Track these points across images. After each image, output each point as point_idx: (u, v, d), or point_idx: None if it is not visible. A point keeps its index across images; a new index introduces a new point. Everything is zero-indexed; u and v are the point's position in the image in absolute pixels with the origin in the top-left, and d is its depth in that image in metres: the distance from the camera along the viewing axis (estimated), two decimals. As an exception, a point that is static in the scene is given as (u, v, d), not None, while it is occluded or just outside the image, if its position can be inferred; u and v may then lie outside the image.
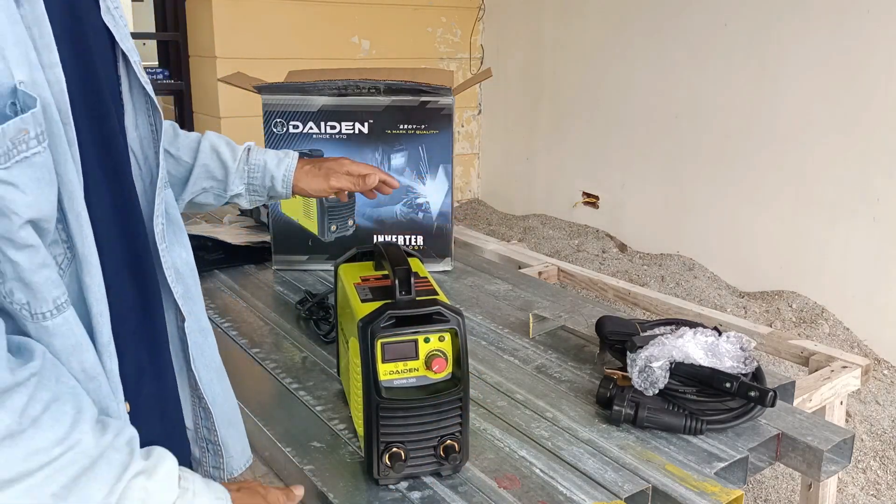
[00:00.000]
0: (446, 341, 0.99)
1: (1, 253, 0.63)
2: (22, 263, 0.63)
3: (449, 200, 1.85)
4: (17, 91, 0.61)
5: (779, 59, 3.22)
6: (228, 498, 0.75)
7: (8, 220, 0.61)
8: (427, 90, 1.77)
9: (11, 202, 0.61)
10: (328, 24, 4.24)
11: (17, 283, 0.64)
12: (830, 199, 3.10)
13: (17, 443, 0.59)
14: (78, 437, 0.63)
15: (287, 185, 1.17)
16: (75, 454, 0.62)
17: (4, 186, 0.61)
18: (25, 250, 0.63)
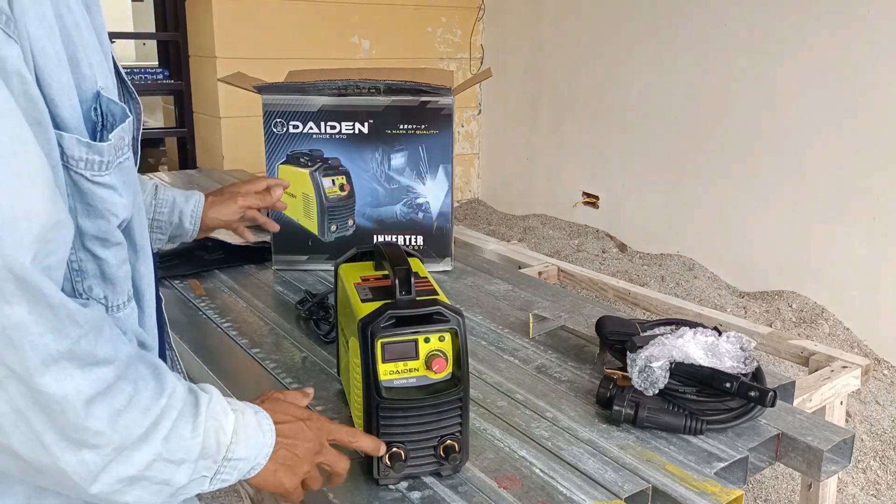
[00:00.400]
0: (446, 341, 0.99)
1: (87, 252, 0.67)
2: (109, 260, 0.68)
3: (449, 200, 1.85)
4: (101, 97, 0.65)
5: (779, 59, 3.22)
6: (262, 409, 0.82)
7: (107, 221, 0.66)
8: (427, 90, 1.77)
9: (112, 204, 0.66)
10: (328, 24, 4.24)
11: (97, 280, 0.69)
12: (830, 199, 3.10)
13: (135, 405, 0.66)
14: (172, 386, 0.70)
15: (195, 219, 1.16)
16: (173, 401, 0.70)
17: (107, 190, 0.66)
18: (114, 248, 0.69)
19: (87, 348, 0.61)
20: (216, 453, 0.74)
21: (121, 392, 0.65)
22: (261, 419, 0.80)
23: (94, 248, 0.67)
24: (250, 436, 0.78)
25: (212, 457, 0.73)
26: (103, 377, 0.63)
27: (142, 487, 0.68)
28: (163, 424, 0.68)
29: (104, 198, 0.66)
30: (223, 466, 0.75)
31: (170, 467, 0.69)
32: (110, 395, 0.64)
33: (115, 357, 0.64)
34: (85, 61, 0.63)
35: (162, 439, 0.68)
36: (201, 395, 0.74)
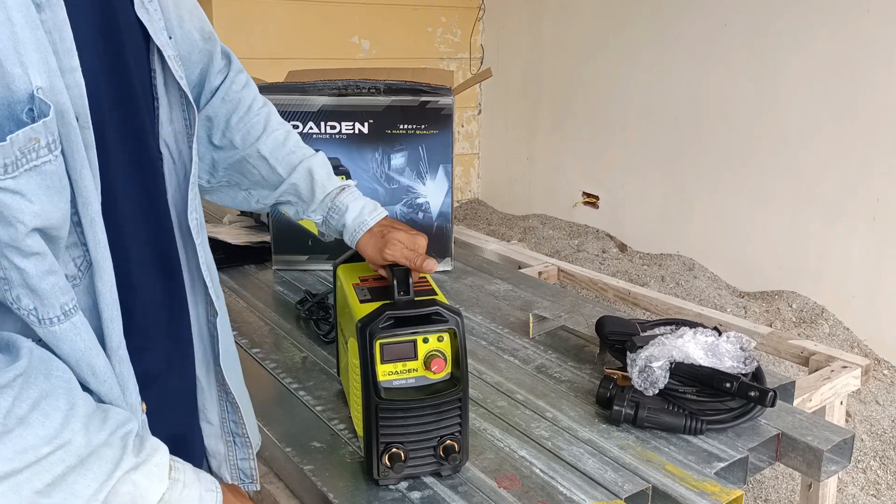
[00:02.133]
0: (445, 341, 0.99)
1: (7, 260, 0.63)
2: (28, 270, 0.63)
3: (449, 200, 1.85)
4: (35, 98, 0.61)
5: (779, 59, 3.22)
6: (219, 489, 0.74)
7: (14, 228, 0.61)
8: (427, 90, 1.77)
9: (18, 211, 0.61)
10: (328, 24, 4.24)
11: (23, 290, 0.64)
12: (830, 199, 3.10)
13: (4, 442, 0.59)
14: (68, 436, 0.63)
15: (353, 239, 1.15)
16: (63, 453, 0.62)
17: (10, 195, 0.61)
18: (32, 258, 0.63)
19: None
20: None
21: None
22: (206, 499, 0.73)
23: (11, 256, 0.63)
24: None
25: None
26: None
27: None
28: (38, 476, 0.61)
29: (7, 203, 0.61)
30: None
31: None
32: None
33: None
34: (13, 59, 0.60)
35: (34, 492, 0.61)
36: (127, 455, 0.67)
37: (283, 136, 1.17)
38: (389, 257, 1.07)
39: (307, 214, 1.20)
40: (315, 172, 1.18)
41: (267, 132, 1.15)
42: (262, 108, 1.17)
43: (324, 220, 1.20)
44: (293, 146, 1.18)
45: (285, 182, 1.16)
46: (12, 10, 0.60)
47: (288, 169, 1.16)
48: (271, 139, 1.15)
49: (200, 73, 1.04)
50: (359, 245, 1.15)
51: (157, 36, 0.79)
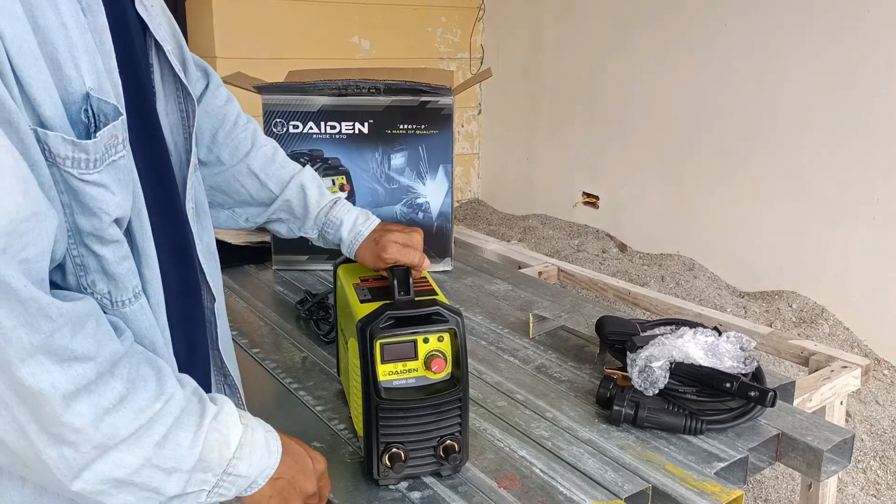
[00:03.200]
0: (445, 341, 0.99)
1: (86, 248, 0.68)
2: (108, 257, 0.69)
3: (449, 200, 1.85)
4: (90, 97, 0.65)
5: (779, 59, 3.22)
6: (274, 430, 0.83)
7: (98, 219, 0.67)
8: (427, 90, 1.77)
9: (104, 202, 0.67)
10: (328, 24, 4.24)
11: (99, 275, 0.70)
12: (830, 199, 3.10)
13: (127, 405, 0.66)
14: (171, 391, 0.70)
15: (351, 251, 1.17)
16: (170, 406, 0.70)
17: (97, 188, 0.66)
18: (111, 245, 0.69)
19: (62, 343, 0.61)
20: (217, 466, 0.74)
21: (110, 390, 0.65)
22: (269, 438, 0.81)
23: (91, 244, 0.68)
24: (255, 454, 0.78)
25: (212, 470, 0.74)
26: (83, 373, 0.63)
27: (129, 492, 0.68)
28: (156, 430, 0.68)
29: (95, 196, 0.66)
30: (222, 480, 0.75)
31: (160, 475, 0.69)
32: (96, 393, 0.64)
33: (95, 354, 0.64)
34: (69, 63, 0.63)
35: (154, 444, 0.68)
36: (209, 406, 0.74)
37: (271, 152, 1.17)
38: (388, 259, 1.08)
39: (303, 231, 1.20)
40: (307, 188, 1.18)
41: (255, 147, 1.15)
42: (248, 123, 1.16)
43: (319, 236, 1.20)
44: (282, 161, 1.18)
45: (278, 199, 1.16)
46: (65, 16, 0.63)
47: (279, 185, 1.16)
48: (260, 154, 1.15)
49: None
50: (357, 256, 1.16)
51: (157, 31, 0.81)
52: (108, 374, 0.65)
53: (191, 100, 0.86)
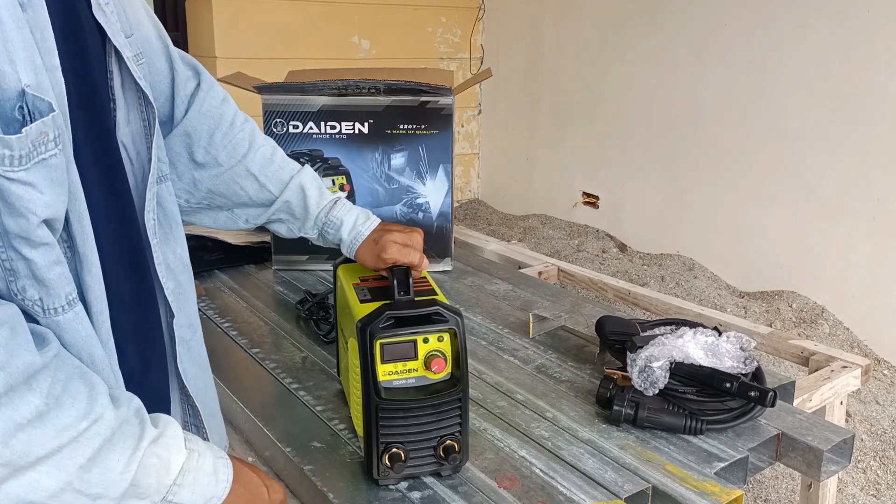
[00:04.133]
0: (445, 341, 0.99)
1: (15, 251, 0.65)
2: (37, 261, 0.66)
3: (449, 200, 1.85)
4: (26, 94, 0.62)
5: (779, 59, 3.22)
6: (226, 456, 0.79)
7: (25, 219, 0.63)
8: (427, 90, 1.77)
9: (31, 202, 0.63)
10: (328, 24, 4.24)
11: (30, 281, 0.66)
12: (830, 199, 3.10)
13: (46, 422, 0.62)
14: (100, 411, 0.66)
15: (351, 251, 1.16)
16: (99, 427, 0.65)
17: (24, 187, 0.63)
18: (40, 248, 0.66)
19: None
20: (154, 493, 0.70)
21: (24, 404, 0.61)
22: (219, 466, 0.77)
23: (20, 247, 0.65)
24: (199, 481, 0.74)
25: (149, 497, 0.70)
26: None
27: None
28: (80, 451, 0.64)
29: (20, 195, 0.63)
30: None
31: (83, 500, 0.65)
32: (8, 407, 0.60)
33: (4, 364, 0.60)
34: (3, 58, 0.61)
35: (78, 467, 0.64)
36: (148, 428, 0.70)
37: (269, 152, 1.15)
38: (388, 259, 1.08)
39: (303, 231, 1.19)
40: (307, 188, 1.16)
41: (253, 148, 1.13)
42: (245, 123, 1.14)
43: (319, 236, 1.19)
44: (281, 162, 1.16)
45: (278, 200, 1.15)
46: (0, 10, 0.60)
47: (279, 186, 1.15)
48: (259, 155, 1.13)
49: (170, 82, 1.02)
50: (357, 256, 1.15)
51: (116, 37, 0.78)
52: (23, 387, 0.61)
53: (152, 109, 0.84)
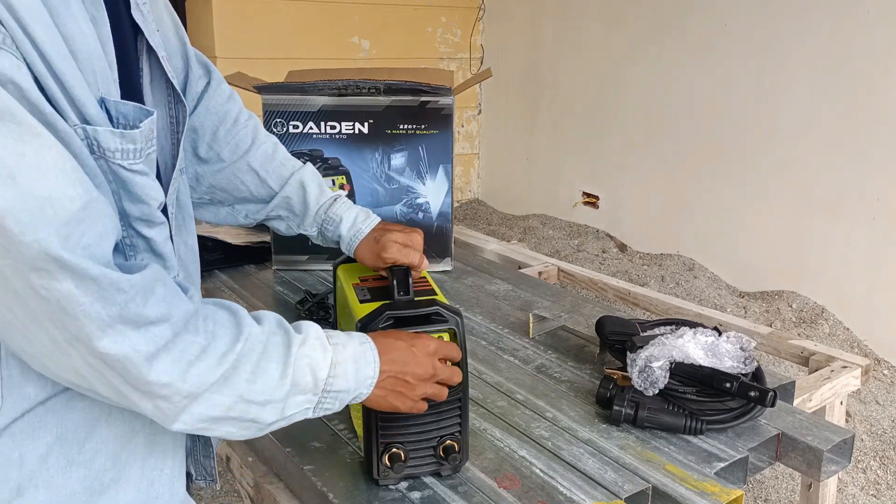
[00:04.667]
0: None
1: (135, 230, 0.74)
2: (155, 238, 0.75)
3: (449, 200, 1.85)
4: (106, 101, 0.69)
5: (779, 59, 3.22)
6: (369, 339, 0.87)
7: (147, 205, 0.73)
8: (427, 90, 1.77)
9: (150, 188, 0.73)
10: (328, 24, 4.24)
11: (148, 254, 0.75)
12: (830, 199, 3.10)
13: (210, 353, 0.71)
14: (248, 330, 0.75)
15: (350, 249, 1.17)
16: (251, 344, 0.74)
17: (142, 177, 0.72)
18: (158, 227, 0.75)
19: (136, 310, 0.66)
20: (314, 387, 0.79)
21: (190, 345, 0.70)
22: (365, 350, 0.84)
23: (139, 227, 0.73)
24: (350, 370, 0.82)
25: (310, 391, 0.79)
26: (160, 334, 0.68)
27: (229, 424, 0.74)
28: (242, 369, 0.73)
29: (141, 184, 0.71)
30: (324, 398, 0.81)
31: (254, 408, 0.75)
32: (176, 349, 0.69)
33: (169, 315, 0.68)
34: (88, 68, 0.67)
35: (244, 381, 0.73)
36: (293, 336, 0.79)
37: (271, 149, 1.17)
38: (388, 259, 1.08)
39: (302, 229, 1.20)
40: (307, 185, 1.17)
41: (256, 144, 1.15)
42: (249, 120, 1.16)
43: (319, 233, 1.20)
44: (282, 159, 1.18)
45: (277, 196, 1.16)
46: (82, 24, 0.67)
47: (279, 182, 1.16)
48: (260, 152, 1.15)
49: (184, 79, 1.04)
50: (356, 254, 1.16)
51: (152, 37, 0.81)
52: (185, 331, 0.70)
53: (182, 107, 0.86)
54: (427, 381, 0.91)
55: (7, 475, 0.71)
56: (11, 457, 0.71)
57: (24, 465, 0.71)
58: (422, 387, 0.90)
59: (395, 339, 0.90)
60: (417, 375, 0.89)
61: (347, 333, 0.86)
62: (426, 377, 0.90)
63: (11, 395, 0.71)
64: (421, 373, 0.89)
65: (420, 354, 0.90)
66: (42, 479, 0.72)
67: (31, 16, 0.62)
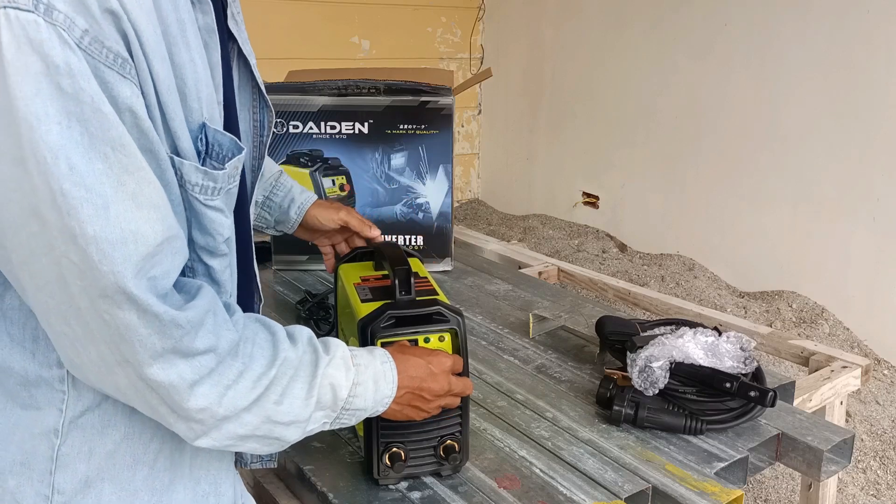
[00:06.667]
0: (446, 341, 0.99)
1: (197, 256, 0.76)
2: (215, 267, 0.78)
3: (449, 200, 1.85)
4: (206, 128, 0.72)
5: (779, 59, 3.22)
6: (390, 358, 0.89)
7: (213, 238, 0.75)
8: (427, 90, 1.77)
9: (220, 225, 0.75)
10: (328, 24, 4.24)
11: (206, 279, 0.78)
12: (830, 199, 3.10)
13: (246, 377, 0.73)
14: (283, 354, 0.77)
15: (301, 211, 1.25)
16: (284, 368, 0.77)
17: (215, 212, 0.74)
18: (219, 258, 0.78)
19: (189, 344, 0.69)
20: (333, 405, 0.82)
21: (229, 370, 0.72)
22: (385, 371, 0.87)
23: (203, 256, 0.76)
24: (369, 389, 0.84)
25: (329, 407, 0.81)
26: (205, 364, 0.70)
27: (254, 441, 0.77)
28: (273, 391, 0.75)
29: (213, 219, 0.74)
30: (342, 414, 0.83)
31: (279, 428, 0.77)
32: (217, 375, 0.71)
33: (215, 346, 0.71)
34: (193, 95, 0.70)
35: (273, 403, 0.75)
36: (322, 357, 0.81)
37: None
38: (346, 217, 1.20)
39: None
40: None
41: None
42: None
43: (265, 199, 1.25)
44: None
45: None
46: (194, 52, 0.70)
47: None
48: None
49: None
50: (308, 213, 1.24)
51: (244, 45, 0.85)
52: (228, 358, 0.72)
53: (268, 112, 0.91)
54: (442, 396, 0.94)
55: (76, 467, 0.74)
56: (82, 449, 0.74)
57: (92, 459, 0.74)
58: (437, 401, 0.94)
59: (412, 355, 0.92)
60: (434, 392, 0.92)
61: (370, 351, 0.88)
62: (442, 393, 0.93)
63: (76, 387, 0.73)
64: (437, 389, 0.92)
65: (437, 371, 0.92)
66: (109, 474, 0.75)
67: (152, 49, 0.65)
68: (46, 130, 0.59)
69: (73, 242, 0.62)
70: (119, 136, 0.62)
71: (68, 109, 0.60)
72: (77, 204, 0.61)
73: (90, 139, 0.61)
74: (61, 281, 0.64)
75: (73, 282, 0.63)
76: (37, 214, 0.61)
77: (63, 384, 0.73)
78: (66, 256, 0.62)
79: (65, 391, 0.73)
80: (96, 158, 0.61)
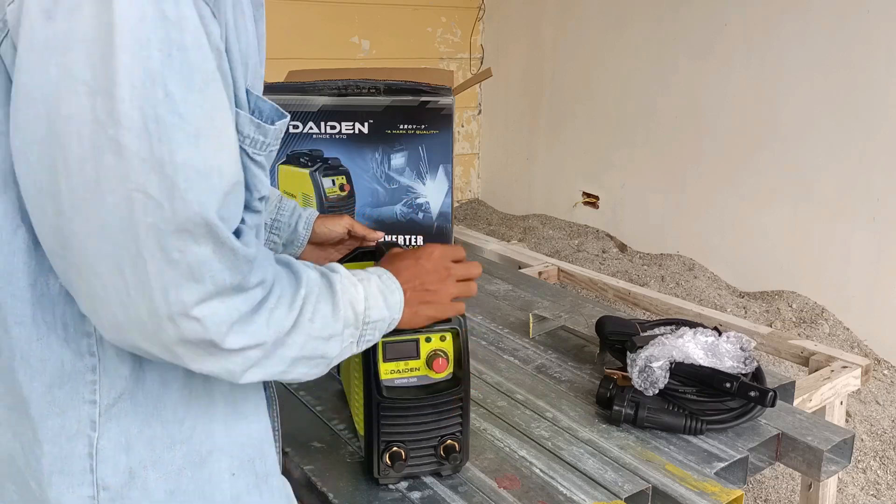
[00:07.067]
0: (447, 341, 0.99)
1: None
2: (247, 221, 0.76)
3: (449, 200, 1.85)
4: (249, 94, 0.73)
5: (779, 59, 3.22)
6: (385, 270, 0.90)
7: (250, 193, 0.75)
8: (427, 90, 1.77)
9: (259, 181, 0.76)
10: (328, 24, 4.24)
11: None
12: (830, 199, 3.10)
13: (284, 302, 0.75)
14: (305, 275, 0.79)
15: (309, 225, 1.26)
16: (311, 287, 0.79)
17: (259, 168, 0.75)
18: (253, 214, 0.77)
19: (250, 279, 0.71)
20: (356, 321, 0.83)
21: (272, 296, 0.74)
22: (385, 280, 0.88)
23: None
24: (378, 299, 0.86)
25: (353, 325, 0.83)
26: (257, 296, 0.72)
27: (302, 364, 0.78)
28: (307, 309, 0.77)
29: (255, 174, 0.75)
30: (365, 330, 0.84)
31: (322, 343, 0.79)
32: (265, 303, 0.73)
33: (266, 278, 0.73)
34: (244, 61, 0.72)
35: (308, 321, 0.77)
36: (333, 275, 0.83)
37: None
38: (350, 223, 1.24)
39: None
40: None
41: None
42: None
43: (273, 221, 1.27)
44: None
45: None
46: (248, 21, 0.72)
47: None
48: None
49: None
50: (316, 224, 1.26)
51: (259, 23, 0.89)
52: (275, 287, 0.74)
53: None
54: (446, 282, 0.94)
55: (118, 459, 0.73)
56: (119, 441, 0.73)
57: (131, 449, 0.73)
58: (444, 289, 0.94)
59: (399, 259, 0.94)
60: (433, 280, 0.93)
61: (365, 270, 0.90)
62: (443, 278, 0.94)
63: (108, 375, 0.72)
64: (435, 277, 0.93)
65: (427, 262, 0.93)
66: (150, 460, 0.74)
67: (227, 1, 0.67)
68: (147, 56, 0.60)
69: (157, 171, 0.61)
70: (213, 71, 0.64)
71: (171, 37, 0.61)
72: (171, 131, 0.61)
73: (189, 69, 0.62)
74: (127, 220, 0.62)
75: (143, 219, 0.62)
76: (114, 145, 0.61)
77: (94, 374, 0.72)
78: (142, 189, 0.61)
79: (95, 380, 0.72)
80: (193, 89, 0.62)
